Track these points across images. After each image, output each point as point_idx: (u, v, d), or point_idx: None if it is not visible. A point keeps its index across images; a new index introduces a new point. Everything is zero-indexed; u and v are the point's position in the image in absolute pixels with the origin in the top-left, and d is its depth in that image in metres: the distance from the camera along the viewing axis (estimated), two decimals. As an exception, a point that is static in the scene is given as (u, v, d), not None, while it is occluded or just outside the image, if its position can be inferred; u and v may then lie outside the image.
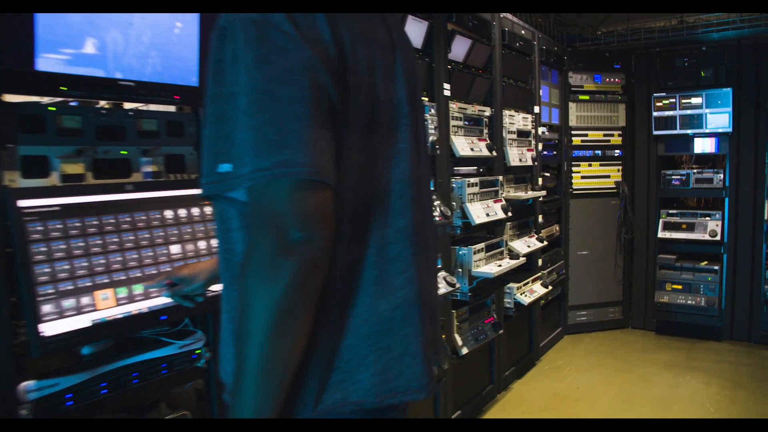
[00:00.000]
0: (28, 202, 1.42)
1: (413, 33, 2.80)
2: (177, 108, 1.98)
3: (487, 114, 3.48)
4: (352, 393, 0.95)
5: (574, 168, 4.91)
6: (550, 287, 4.14)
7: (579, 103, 4.88)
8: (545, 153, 4.57)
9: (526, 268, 4.18)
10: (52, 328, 1.41)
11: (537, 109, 4.22)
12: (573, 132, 4.89)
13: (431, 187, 1.30)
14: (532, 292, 3.89)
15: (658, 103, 4.79)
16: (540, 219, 4.31)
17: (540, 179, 4.29)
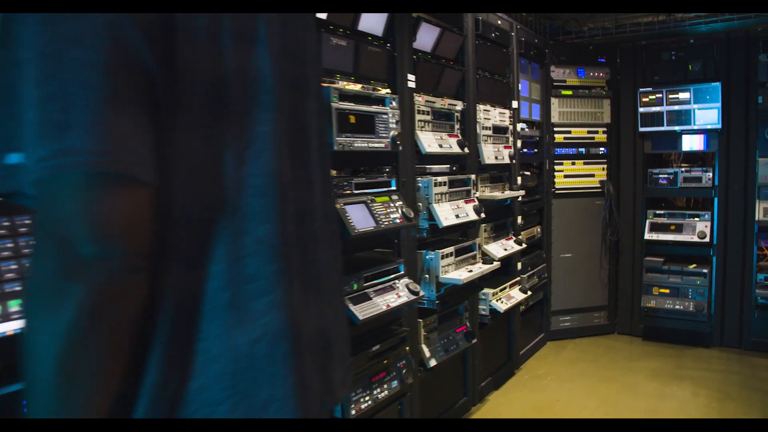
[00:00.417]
0: None
1: (372, 18, 2.57)
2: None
3: (458, 108, 3.25)
4: None
5: (557, 166, 4.69)
6: (530, 292, 3.92)
7: (561, 98, 4.66)
8: (525, 151, 4.34)
9: (504, 272, 3.97)
10: None
11: (515, 104, 3.99)
12: (555, 129, 4.67)
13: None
14: (510, 298, 3.66)
15: (645, 99, 4.58)
16: (519, 220, 4.09)
17: (519, 178, 4.07)
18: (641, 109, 4.59)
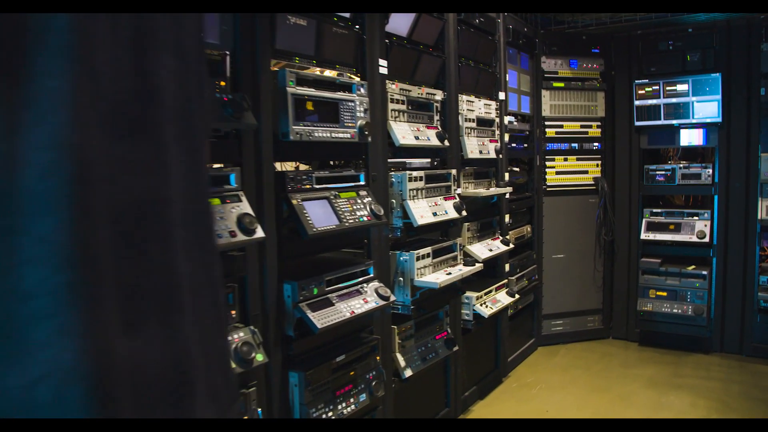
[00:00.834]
0: None
1: (337, -3, 2.34)
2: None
3: (438, 98, 3.02)
4: None
5: (548, 162, 4.46)
6: (518, 296, 3.68)
7: (553, 90, 4.43)
8: (514, 146, 4.11)
9: (490, 274, 3.75)
10: None
11: (502, 96, 3.76)
12: (546, 123, 4.44)
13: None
14: (496, 301, 3.43)
15: (641, 91, 4.35)
16: (507, 219, 3.85)
17: (507, 174, 3.83)
18: (637, 102, 4.37)
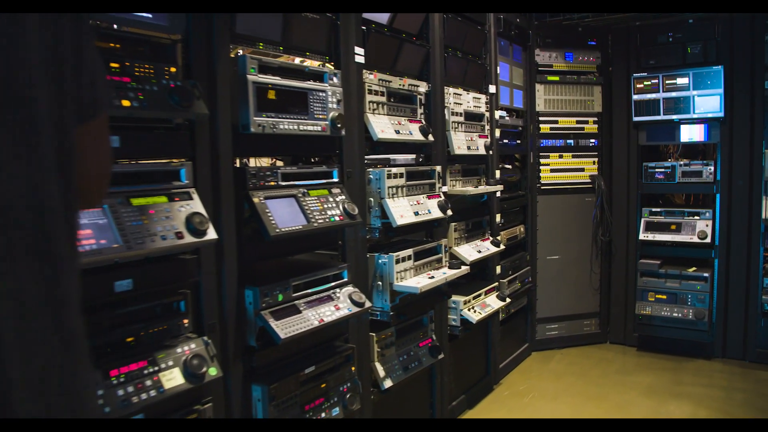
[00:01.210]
0: None
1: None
2: None
3: (422, 90, 2.84)
4: None
5: (543, 160, 4.28)
6: (509, 299, 3.50)
7: (547, 84, 4.25)
8: (506, 142, 3.92)
9: (481, 276, 3.57)
10: None
11: (493, 89, 3.57)
12: (541, 118, 4.26)
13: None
14: (485, 306, 3.25)
15: (639, 85, 4.17)
16: (498, 219, 3.67)
17: (498, 172, 3.64)
18: (635, 97, 4.18)
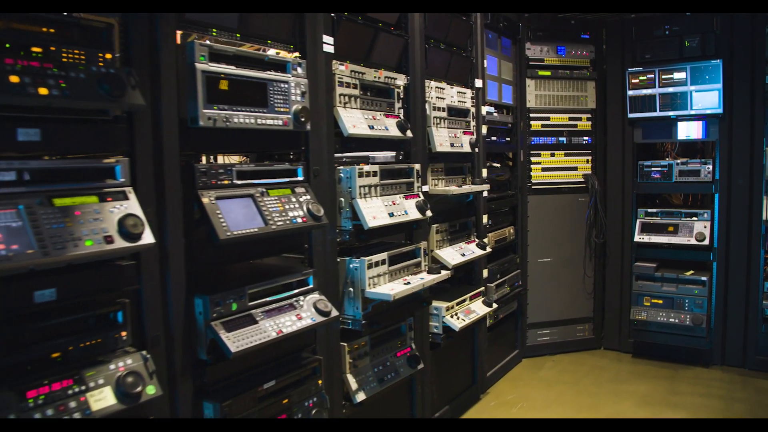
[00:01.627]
0: None
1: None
2: None
3: (400, 83, 2.67)
4: None
5: (534, 158, 4.11)
6: (495, 305, 3.32)
7: (539, 80, 4.08)
8: (495, 139, 3.75)
9: (466, 280, 3.40)
10: None
11: (479, 83, 3.40)
12: (531, 115, 4.09)
13: None
14: (469, 312, 3.07)
15: (634, 80, 4.00)
16: (485, 220, 3.49)
17: (485, 171, 3.47)
18: (630, 92, 4.02)
